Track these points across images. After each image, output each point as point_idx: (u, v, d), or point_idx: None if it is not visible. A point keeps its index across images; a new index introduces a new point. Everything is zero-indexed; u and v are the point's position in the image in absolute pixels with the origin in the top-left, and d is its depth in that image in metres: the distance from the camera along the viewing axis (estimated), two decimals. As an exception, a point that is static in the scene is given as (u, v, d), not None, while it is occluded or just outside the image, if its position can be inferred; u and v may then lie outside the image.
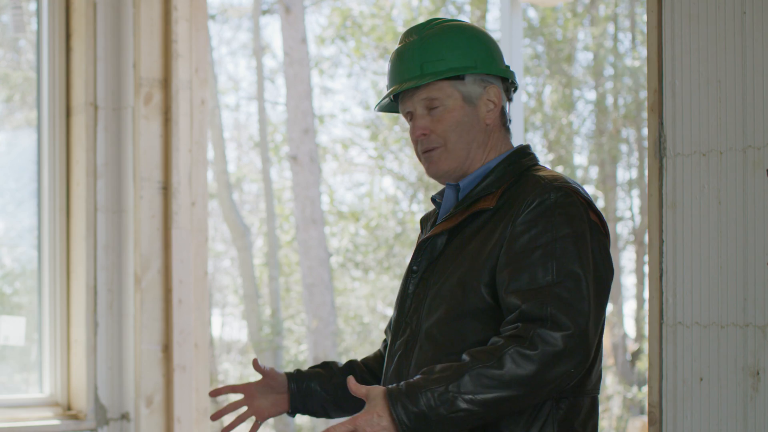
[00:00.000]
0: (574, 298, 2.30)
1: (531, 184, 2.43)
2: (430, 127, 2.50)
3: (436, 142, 2.50)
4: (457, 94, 2.49)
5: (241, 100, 16.87)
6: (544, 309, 2.28)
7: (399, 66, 2.53)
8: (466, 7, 14.64)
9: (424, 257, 2.51)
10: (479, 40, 2.54)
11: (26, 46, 5.34)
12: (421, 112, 2.51)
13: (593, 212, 2.44)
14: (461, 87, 2.49)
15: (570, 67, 14.41)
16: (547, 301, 2.28)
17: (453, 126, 2.49)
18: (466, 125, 2.49)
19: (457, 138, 2.49)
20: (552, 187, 2.40)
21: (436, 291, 2.44)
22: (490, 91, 2.51)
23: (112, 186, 4.60)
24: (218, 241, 16.15)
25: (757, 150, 2.65)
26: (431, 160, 2.52)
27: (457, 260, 2.42)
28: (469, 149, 2.50)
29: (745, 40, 2.69)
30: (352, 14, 14.83)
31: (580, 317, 2.28)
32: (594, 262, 2.37)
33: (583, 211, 2.40)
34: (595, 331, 2.34)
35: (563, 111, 14.23)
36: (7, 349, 4.75)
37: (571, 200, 2.39)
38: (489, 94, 2.51)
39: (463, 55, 2.50)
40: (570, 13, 14.20)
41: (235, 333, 17.04)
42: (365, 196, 15.85)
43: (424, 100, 2.50)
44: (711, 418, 2.73)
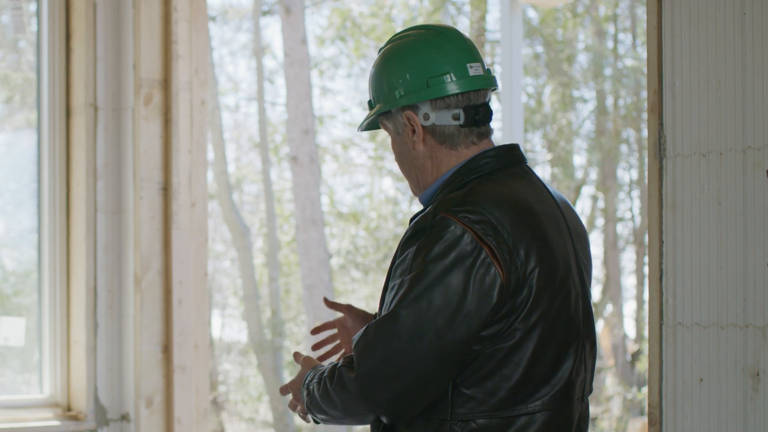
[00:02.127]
0: (369, 336, 2.33)
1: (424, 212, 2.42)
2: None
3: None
4: (389, 125, 2.54)
5: (241, 101, 16.87)
6: (355, 347, 2.36)
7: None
8: (465, 8, 14.65)
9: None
10: (398, 68, 2.50)
11: (26, 46, 5.34)
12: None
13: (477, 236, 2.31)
14: (388, 122, 2.54)
15: (570, 67, 14.41)
16: (357, 339, 2.36)
17: (396, 157, 2.56)
18: (402, 155, 2.54)
19: (402, 167, 2.56)
20: (426, 215, 2.37)
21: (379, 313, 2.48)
22: (408, 116, 2.48)
23: (112, 187, 4.60)
24: (218, 242, 16.15)
25: (757, 151, 2.65)
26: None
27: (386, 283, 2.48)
28: (410, 175, 2.54)
29: (744, 40, 2.69)
30: (352, 15, 14.83)
31: (363, 357, 2.33)
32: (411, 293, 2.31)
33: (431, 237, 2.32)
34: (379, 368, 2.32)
35: (563, 111, 14.23)
36: (7, 350, 4.75)
37: (435, 229, 2.32)
38: (408, 120, 2.49)
39: (378, 93, 2.54)
40: (570, 13, 14.20)
41: (235, 334, 17.04)
42: (365, 197, 15.85)
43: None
44: (711, 419, 2.72)
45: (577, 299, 2.45)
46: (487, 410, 2.35)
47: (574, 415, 2.46)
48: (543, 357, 2.37)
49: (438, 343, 2.29)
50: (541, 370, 2.37)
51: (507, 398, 2.36)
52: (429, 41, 2.50)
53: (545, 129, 14.22)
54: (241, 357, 16.14)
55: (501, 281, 2.30)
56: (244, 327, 15.82)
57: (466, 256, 2.29)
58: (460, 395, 2.35)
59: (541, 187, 2.51)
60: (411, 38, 2.53)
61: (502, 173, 2.45)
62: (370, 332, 2.33)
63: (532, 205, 2.42)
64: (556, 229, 2.44)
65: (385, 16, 14.61)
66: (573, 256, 2.46)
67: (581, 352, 2.46)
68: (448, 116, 2.47)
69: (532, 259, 2.34)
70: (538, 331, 2.35)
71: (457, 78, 2.47)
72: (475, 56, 2.52)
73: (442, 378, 2.33)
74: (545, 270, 2.36)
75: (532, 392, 2.38)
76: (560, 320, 2.40)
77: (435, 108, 2.47)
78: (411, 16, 14.46)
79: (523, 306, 2.33)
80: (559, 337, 2.40)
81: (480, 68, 2.51)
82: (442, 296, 2.28)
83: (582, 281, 2.49)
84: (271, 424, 14.90)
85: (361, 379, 2.33)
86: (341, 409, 2.39)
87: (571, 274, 2.44)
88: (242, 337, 16.55)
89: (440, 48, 2.50)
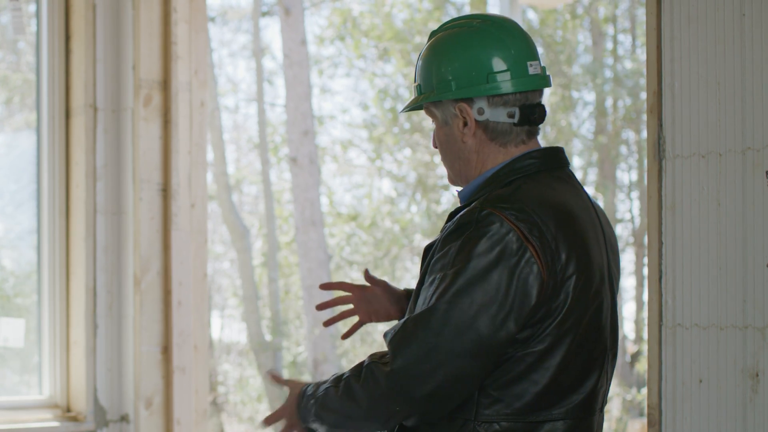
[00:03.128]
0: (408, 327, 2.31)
1: (466, 209, 2.37)
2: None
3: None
4: (437, 114, 2.48)
5: (240, 102, 16.87)
6: (391, 341, 2.33)
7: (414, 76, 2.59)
8: (465, 9, 14.65)
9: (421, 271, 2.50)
10: (460, 57, 2.45)
11: (26, 47, 5.34)
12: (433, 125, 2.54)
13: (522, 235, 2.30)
14: (437, 109, 2.48)
15: (569, 68, 14.41)
16: (394, 333, 2.33)
17: (440, 146, 2.50)
18: (447, 145, 2.48)
19: (443, 155, 2.50)
20: (468, 212, 2.34)
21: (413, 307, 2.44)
22: (461, 108, 2.44)
23: (111, 188, 4.60)
24: (218, 243, 16.15)
25: (756, 152, 2.65)
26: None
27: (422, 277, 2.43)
28: (452, 165, 2.49)
29: (744, 41, 2.69)
30: (352, 15, 14.83)
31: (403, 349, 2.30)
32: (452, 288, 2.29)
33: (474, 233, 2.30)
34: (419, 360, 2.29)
35: (562, 112, 14.23)
36: (6, 351, 4.75)
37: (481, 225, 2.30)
38: (461, 112, 2.44)
39: (435, 79, 2.46)
40: (569, 14, 14.20)
41: (235, 334, 17.03)
42: (364, 197, 15.85)
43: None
44: (710, 420, 2.72)
45: (608, 310, 2.43)
46: (512, 414, 2.33)
47: (594, 425, 2.46)
48: (572, 365, 2.35)
49: (477, 340, 2.26)
50: (569, 378, 2.36)
51: (533, 403, 2.34)
52: (491, 35, 2.45)
53: (545, 130, 14.22)
54: (240, 358, 16.14)
55: (542, 282, 2.28)
56: (244, 328, 15.82)
57: (511, 254, 2.27)
58: (486, 396, 2.33)
59: (583, 193, 2.48)
60: (472, 29, 2.47)
61: (547, 175, 2.43)
62: (408, 326, 2.30)
63: (574, 211, 2.39)
64: (595, 238, 2.42)
65: (385, 16, 14.61)
66: (606, 267, 2.45)
67: (606, 364, 2.45)
68: (503, 113, 2.43)
69: (571, 264, 2.32)
70: (570, 338, 2.33)
71: (516, 76, 2.44)
72: (535, 54, 2.49)
73: (478, 376, 2.30)
74: (582, 278, 2.34)
75: (558, 400, 2.36)
76: (591, 330, 2.38)
77: (491, 104, 2.43)
78: (411, 16, 14.47)
79: (558, 311, 2.31)
80: (589, 347, 2.38)
81: (538, 66, 2.48)
82: (485, 293, 2.26)
83: (612, 293, 2.47)
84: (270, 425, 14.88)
85: (396, 374, 2.29)
86: (366, 408, 2.33)
87: (605, 284, 2.42)
88: (242, 338, 16.54)
89: (502, 43, 2.45)
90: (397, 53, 14.47)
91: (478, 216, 2.30)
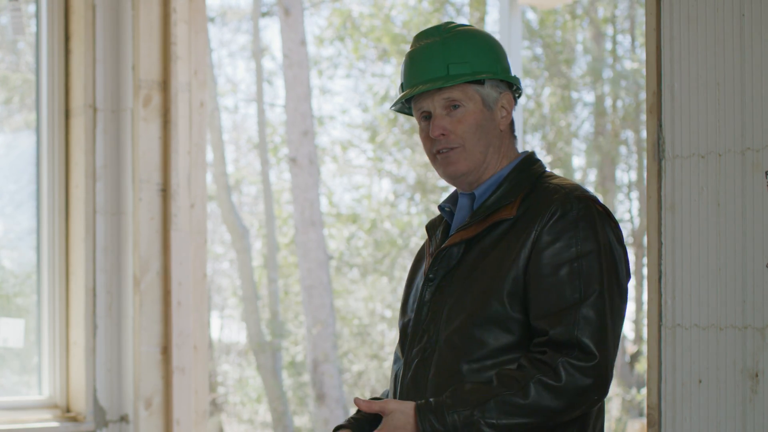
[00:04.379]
0: (600, 320, 2.36)
1: (550, 193, 2.46)
2: (449, 128, 2.51)
3: (454, 142, 2.52)
4: (477, 96, 2.51)
5: (240, 102, 16.87)
6: (572, 335, 2.34)
7: (421, 66, 2.54)
8: (465, 9, 14.65)
9: (441, 266, 2.52)
10: (496, 46, 2.58)
11: (25, 48, 5.34)
12: (441, 113, 2.52)
13: (612, 221, 2.48)
14: (481, 90, 2.52)
15: (569, 69, 14.41)
16: (575, 326, 2.34)
17: (473, 128, 2.51)
18: (484, 128, 2.52)
19: (476, 140, 2.51)
20: (573, 198, 2.43)
21: (456, 300, 2.46)
22: (503, 97, 2.54)
23: (111, 188, 4.60)
24: (217, 243, 16.15)
25: (756, 152, 2.65)
26: (449, 160, 2.53)
27: (478, 269, 2.45)
28: (486, 153, 2.52)
29: (743, 42, 2.69)
30: (351, 15, 14.83)
31: (604, 342, 2.36)
32: (617, 275, 2.44)
33: (604, 222, 2.44)
34: (615, 350, 2.41)
35: (562, 113, 14.23)
36: (6, 351, 4.75)
37: (593, 212, 2.43)
38: (503, 101, 2.54)
39: (484, 60, 2.53)
40: (569, 15, 14.20)
41: (234, 335, 17.03)
42: (364, 198, 15.85)
43: (445, 100, 2.51)
44: (710, 420, 2.72)
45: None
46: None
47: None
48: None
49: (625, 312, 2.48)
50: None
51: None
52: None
53: (544, 130, 14.22)
54: (240, 358, 16.14)
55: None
56: (243, 328, 15.82)
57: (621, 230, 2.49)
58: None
59: None
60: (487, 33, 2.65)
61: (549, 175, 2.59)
62: (604, 321, 2.36)
63: None
64: None
65: (385, 17, 14.61)
66: None
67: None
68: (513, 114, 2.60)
69: None
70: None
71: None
72: None
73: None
74: None
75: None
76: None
77: (514, 102, 2.59)
78: (410, 17, 14.46)
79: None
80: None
81: None
82: (625, 265, 2.47)
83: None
84: (270, 425, 14.89)
85: (602, 366, 2.36)
86: (567, 403, 2.33)
87: None
88: (241, 338, 16.54)
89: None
90: (397, 54, 14.47)
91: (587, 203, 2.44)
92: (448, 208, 2.63)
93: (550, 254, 2.39)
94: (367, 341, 15.20)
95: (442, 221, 2.66)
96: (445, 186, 14.60)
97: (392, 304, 15.19)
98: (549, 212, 2.41)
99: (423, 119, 2.56)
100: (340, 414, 13.24)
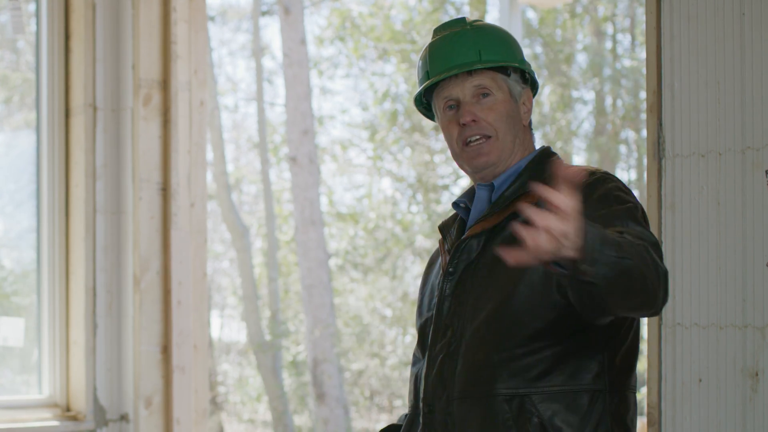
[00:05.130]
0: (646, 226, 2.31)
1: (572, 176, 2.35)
2: (480, 115, 2.46)
3: (487, 130, 2.47)
4: (505, 86, 2.49)
5: (240, 102, 16.86)
6: (644, 237, 2.23)
7: (451, 51, 2.50)
8: (465, 8, 14.65)
9: (461, 259, 2.46)
10: (516, 42, 2.58)
11: (25, 47, 5.34)
12: (470, 100, 2.47)
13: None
14: (508, 81, 2.50)
15: (569, 68, 14.42)
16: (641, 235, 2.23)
17: (504, 117, 2.47)
18: (513, 119, 2.49)
19: (506, 129, 2.48)
20: (600, 173, 2.41)
21: (481, 291, 2.40)
22: (525, 93, 2.53)
23: (111, 187, 4.60)
24: (217, 242, 16.15)
25: (756, 151, 2.65)
26: (481, 150, 2.48)
27: (502, 260, 2.31)
28: (514, 143, 2.49)
29: (744, 41, 2.69)
30: (351, 15, 14.84)
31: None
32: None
33: (630, 194, 2.40)
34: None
35: (562, 112, 14.23)
36: (6, 350, 4.75)
37: (621, 184, 2.39)
38: (524, 96, 2.52)
39: (510, 51, 2.52)
40: (569, 14, 14.20)
41: (234, 334, 17.03)
42: (364, 197, 15.86)
43: (476, 87, 2.47)
44: (710, 419, 2.72)
45: None
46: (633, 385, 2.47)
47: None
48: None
49: None
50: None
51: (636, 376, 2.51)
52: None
53: (544, 129, 14.22)
54: (240, 357, 16.14)
55: None
56: (243, 327, 15.82)
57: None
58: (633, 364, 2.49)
59: None
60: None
61: None
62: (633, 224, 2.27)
63: None
64: None
65: (384, 17, 14.61)
66: None
67: None
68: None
69: None
70: None
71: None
72: None
73: None
74: None
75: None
76: None
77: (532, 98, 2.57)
78: (410, 17, 14.47)
79: None
80: None
81: None
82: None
83: None
84: (270, 424, 14.89)
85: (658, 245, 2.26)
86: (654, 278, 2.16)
87: None
88: (241, 338, 16.54)
89: None
90: (396, 54, 14.47)
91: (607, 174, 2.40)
92: (463, 204, 2.57)
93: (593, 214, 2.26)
94: (366, 340, 15.20)
95: (456, 220, 2.60)
96: (445, 184, 14.60)
97: (392, 303, 15.19)
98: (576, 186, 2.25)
99: (448, 108, 2.50)
100: (340, 413, 13.24)
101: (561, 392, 2.33)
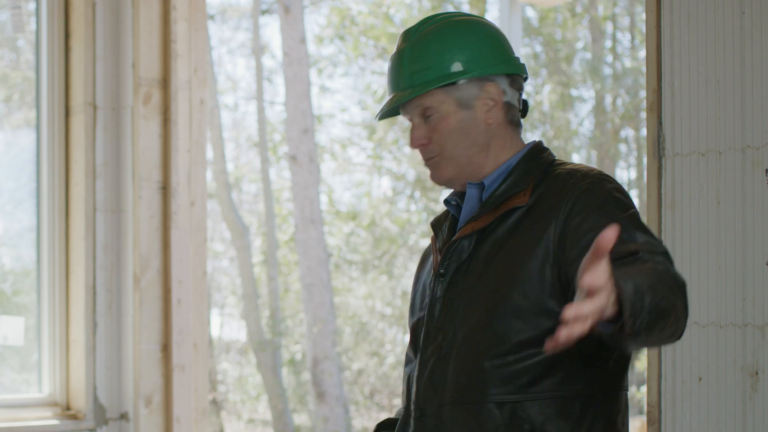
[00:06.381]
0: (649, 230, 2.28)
1: (567, 177, 2.35)
2: (427, 136, 2.43)
3: (433, 151, 2.43)
4: (450, 99, 2.40)
5: (240, 100, 16.86)
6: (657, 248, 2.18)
7: (392, 75, 2.48)
8: (464, 7, 14.65)
9: (452, 260, 2.41)
10: (475, 37, 2.44)
11: (25, 45, 5.34)
12: (418, 121, 2.44)
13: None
14: (454, 92, 2.40)
15: (568, 66, 14.42)
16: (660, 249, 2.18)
17: (448, 133, 2.41)
18: (463, 130, 2.41)
19: (453, 145, 2.42)
20: (594, 176, 2.33)
21: (472, 295, 2.35)
22: (488, 89, 2.40)
23: (111, 186, 4.60)
24: (217, 241, 16.15)
25: (756, 150, 2.66)
26: (434, 167, 2.45)
27: (495, 260, 2.34)
28: (469, 154, 2.42)
29: (744, 39, 2.69)
30: (351, 14, 14.84)
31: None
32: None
33: (629, 198, 2.35)
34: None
35: (561, 110, 14.24)
36: (6, 349, 4.75)
37: (620, 188, 2.33)
38: (487, 93, 2.41)
39: (454, 59, 2.41)
40: (568, 13, 14.21)
41: (234, 333, 17.03)
42: (364, 195, 15.86)
43: (417, 108, 2.43)
44: (710, 418, 2.73)
45: None
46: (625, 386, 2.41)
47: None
48: None
49: None
50: None
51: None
52: (487, 23, 2.49)
53: (544, 128, 14.22)
54: (240, 356, 16.15)
55: None
56: (243, 326, 15.83)
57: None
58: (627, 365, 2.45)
59: None
60: (468, 18, 2.50)
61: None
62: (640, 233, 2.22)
63: None
64: None
65: (384, 16, 14.61)
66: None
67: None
68: (516, 98, 2.44)
69: None
70: None
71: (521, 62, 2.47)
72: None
73: None
74: None
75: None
76: None
77: (511, 85, 2.43)
78: (410, 15, 14.47)
79: None
80: None
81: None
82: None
83: None
84: (270, 424, 14.90)
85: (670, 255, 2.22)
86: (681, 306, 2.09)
87: None
88: (241, 336, 16.55)
89: (499, 31, 2.49)
90: (396, 52, 14.47)
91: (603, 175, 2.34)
92: (454, 202, 2.52)
93: (589, 225, 2.23)
94: (366, 339, 15.20)
95: (448, 216, 2.55)
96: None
97: (392, 302, 15.19)
98: (574, 191, 2.29)
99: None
100: (340, 412, 13.25)
101: (553, 398, 2.29)
